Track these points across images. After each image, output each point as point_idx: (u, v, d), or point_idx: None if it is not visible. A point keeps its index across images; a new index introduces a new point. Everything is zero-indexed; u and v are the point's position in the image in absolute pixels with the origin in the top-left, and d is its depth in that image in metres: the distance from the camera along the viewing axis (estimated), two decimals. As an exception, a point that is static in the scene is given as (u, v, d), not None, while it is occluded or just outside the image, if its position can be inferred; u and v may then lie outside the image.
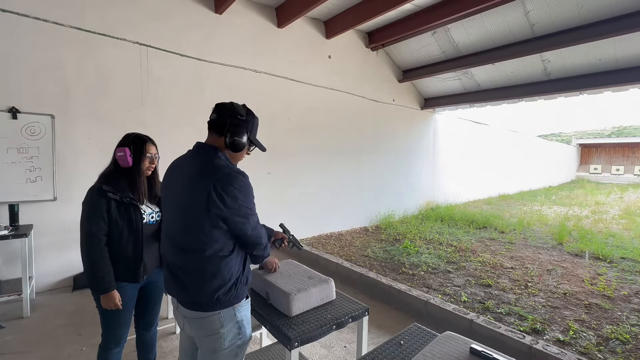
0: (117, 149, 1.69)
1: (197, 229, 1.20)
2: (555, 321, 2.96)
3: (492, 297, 3.45)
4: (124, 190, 1.65)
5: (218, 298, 1.22)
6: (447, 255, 4.80)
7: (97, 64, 3.66)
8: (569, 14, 4.60)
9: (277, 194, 5.27)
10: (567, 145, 21.75)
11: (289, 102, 5.36)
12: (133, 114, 3.91)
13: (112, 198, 1.61)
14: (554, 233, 6.12)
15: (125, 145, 1.69)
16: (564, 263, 4.62)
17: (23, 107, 3.27)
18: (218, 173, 1.19)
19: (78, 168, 3.59)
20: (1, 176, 3.18)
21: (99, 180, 1.67)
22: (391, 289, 3.36)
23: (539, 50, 5.16)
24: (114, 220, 1.62)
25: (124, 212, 1.64)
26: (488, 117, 10.65)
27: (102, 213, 1.59)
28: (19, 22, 3.23)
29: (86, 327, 2.78)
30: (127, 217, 1.64)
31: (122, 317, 1.68)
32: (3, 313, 2.94)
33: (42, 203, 3.42)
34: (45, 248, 3.48)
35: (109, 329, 1.69)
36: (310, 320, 1.56)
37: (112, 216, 1.61)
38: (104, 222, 1.59)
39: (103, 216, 1.59)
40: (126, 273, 1.66)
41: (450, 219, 7.30)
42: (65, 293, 3.45)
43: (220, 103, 1.32)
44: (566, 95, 6.30)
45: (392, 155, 7.32)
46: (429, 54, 6.40)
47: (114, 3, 3.74)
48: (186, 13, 4.25)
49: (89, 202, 1.61)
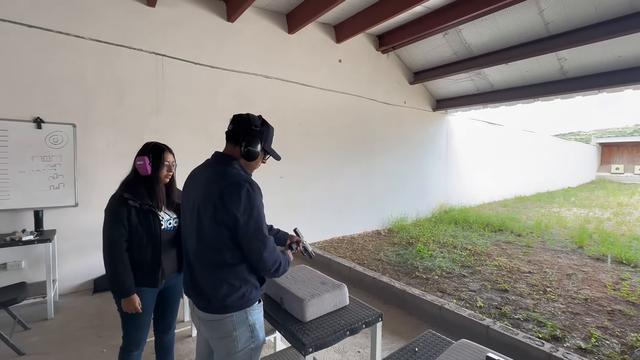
0: (137, 158, 1.75)
1: (206, 236, 1.24)
2: (576, 328, 2.87)
3: (509, 302, 3.38)
4: (144, 197, 1.71)
5: (230, 302, 1.26)
6: (461, 259, 4.72)
7: (115, 74, 3.80)
8: (586, 11, 4.48)
9: (289, 198, 5.31)
10: (586, 144, 21.05)
11: (300, 107, 5.40)
12: (149, 122, 4.02)
13: (132, 205, 1.67)
14: (574, 236, 5.94)
15: (144, 154, 1.76)
16: (585, 267, 4.47)
17: (47, 117, 3.42)
18: (226, 180, 1.23)
19: (97, 175, 3.72)
20: (27, 183, 3.33)
21: (120, 188, 1.74)
22: (405, 293, 3.33)
23: (554, 49, 5.04)
24: (134, 226, 1.68)
25: (143, 219, 1.70)
26: (503, 117, 10.42)
27: (123, 220, 1.65)
28: (42, 36, 3.39)
29: (106, 329, 2.86)
30: (146, 223, 1.70)
31: (141, 321, 1.74)
32: (29, 314, 3.06)
33: (64, 209, 3.55)
34: (67, 252, 3.61)
35: (129, 331, 1.74)
36: (324, 325, 1.56)
37: (132, 223, 1.67)
38: (125, 228, 1.65)
39: (124, 223, 1.65)
40: (145, 278, 1.71)
41: (464, 221, 7.17)
42: (86, 296, 3.57)
43: (237, 114, 1.37)
44: (584, 94, 6.11)
45: (404, 157, 7.26)
46: (441, 55, 6.34)
47: (131, 15, 3.88)
48: (199, 22, 4.36)
49: (110, 210, 1.68)
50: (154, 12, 4.02)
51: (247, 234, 1.22)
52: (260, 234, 1.25)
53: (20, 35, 3.28)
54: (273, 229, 1.71)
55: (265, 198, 1.35)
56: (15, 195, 3.28)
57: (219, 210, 1.19)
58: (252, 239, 1.23)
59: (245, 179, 1.25)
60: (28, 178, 3.33)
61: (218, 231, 1.22)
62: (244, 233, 1.22)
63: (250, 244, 1.24)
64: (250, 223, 1.22)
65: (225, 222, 1.20)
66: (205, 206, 1.23)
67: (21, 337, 2.69)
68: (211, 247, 1.24)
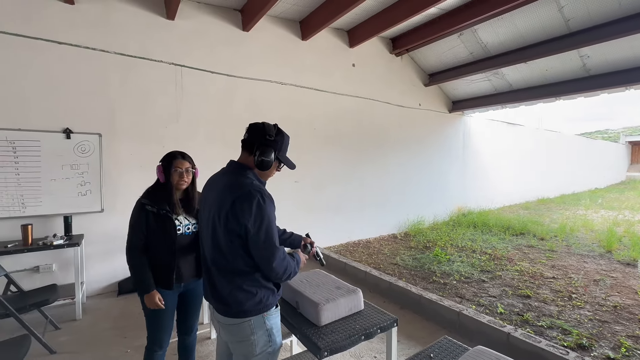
0: (157, 166, 1.87)
1: (221, 245, 1.28)
2: (604, 337, 2.74)
3: (531, 308, 3.27)
4: (161, 203, 1.81)
5: (247, 307, 1.29)
6: (480, 263, 4.61)
7: (137, 85, 3.97)
8: (609, 6, 4.31)
9: (304, 202, 5.35)
10: (614, 143, 20.06)
11: (314, 112, 5.46)
12: (169, 130, 4.18)
13: (149, 210, 1.78)
14: (602, 240, 5.67)
15: (161, 162, 1.88)
16: (614, 273, 4.26)
17: (75, 127, 3.62)
18: (239, 190, 1.26)
19: (122, 181, 3.89)
20: (58, 190, 3.53)
21: (143, 194, 1.86)
22: (421, 298, 3.28)
23: (576, 46, 4.87)
24: (152, 230, 1.79)
25: (160, 223, 1.79)
26: (524, 117, 10.10)
27: (142, 225, 1.77)
28: (71, 51, 3.60)
29: (130, 330, 2.98)
30: (162, 228, 1.79)
31: (164, 322, 1.83)
32: (59, 315, 3.23)
33: (91, 214, 3.73)
34: (93, 256, 3.79)
35: (152, 332, 1.83)
36: (339, 330, 1.58)
37: (151, 227, 1.78)
38: (143, 234, 1.78)
39: (142, 228, 1.77)
40: (160, 280, 1.80)
41: (483, 225, 6.99)
42: (111, 297, 3.72)
43: (253, 123, 1.40)
44: (609, 91, 5.86)
45: (420, 160, 7.18)
46: (456, 56, 6.25)
47: (152, 28, 4.06)
48: (216, 33, 4.50)
49: (132, 216, 1.81)
50: (173, 25, 4.19)
51: (257, 243, 1.25)
52: (270, 244, 1.27)
53: (51, 51, 3.50)
54: (286, 232, 1.74)
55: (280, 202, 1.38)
56: (47, 202, 3.48)
57: (231, 220, 1.23)
58: (262, 249, 1.26)
59: (257, 189, 1.27)
60: (58, 185, 3.53)
61: (231, 240, 1.26)
62: (254, 243, 1.25)
63: (261, 253, 1.26)
64: (260, 234, 1.24)
65: (236, 232, 1.24)
66: (219, 215, 1.27)
67: (52, 336, 2.84)
68: (226, 255, 1.28)
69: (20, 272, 3.39)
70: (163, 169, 1.84)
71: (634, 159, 21.76)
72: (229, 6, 4.57)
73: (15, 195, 3.34)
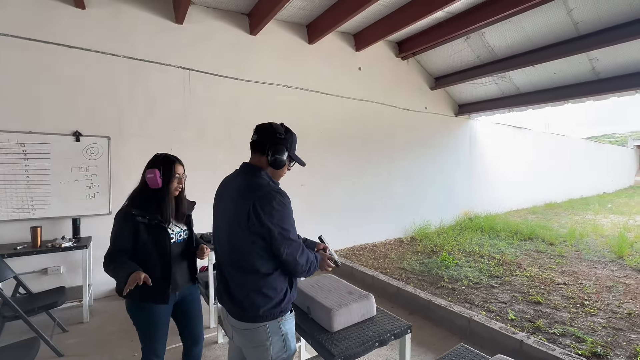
0: (147, 171, 1.71)
1: (240, 247, 1.27)
2: (620, 345, 2.67)
3: (543, 315, 3.20)
4: (152, 212, 1.67)
5: (264, 312, 1.27)
6: (489, 268, 4.54)
7: (146, 88, 4.00)
8: (619, 8, 4.27)
9: (310, 205, 5.33)
10: (622, 147, 19.83)
11: (321, 115, 5.45)
12: (177, 133, 4.19)
13: (140, 222, 1.63)
14: (613, 245, 5.57)
15: (154, 166, 1.71)
16: (627, 279, 4.18)
17: (85, 130, 3.65)
18: (258, 192, 1.25)
19: (129, 184, 3.83)
20: (67, 193, 3.54)
21: (128, 202, 1.70)
22: (430, 304, 3.24)
23: (585, 49, 4.83)
24: (143, 243, 1.64)
25: (152, 234, 1.67)
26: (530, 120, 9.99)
27: (127, 237, 1.63)
28: (82, 55, 3.63)
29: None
30: (155, 239, 1.67)
31: (158, 333, 1.71)
32: (67, 317, 3.22)
33: (99, 217, 3.74)
34: (100, 258, 3.74)
35: (147, 344, 1.72)
36: (352, 336, 1.55)
37: (141, 239, 1.64)
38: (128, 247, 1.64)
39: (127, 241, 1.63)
40: (155, 294, 1.66)
41: (491, 229, 6.91)
42: (117, 300, 3.71)
43: (260, 124, 1.40)
44: (619, 94, 5.80)
45: (426, 164, 7.13)
46: (463, 59, 6.23)
47: (161, 32, 4.09)
48: (223, 37, 4.53)
49: (117, 225, 1.67)
50: (182, 29, 4.22)
51: (280, 242, 1.25)
52: (294, 240, 1.29)
53: (62, 55, 3.53)
54: (300, 237, 1.72)
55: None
56: (56, 204, 3.49)
57: (252, 221, 1.22)
58: (287, 246, 1.27)
59: (275, 189, 1.28)
60: (67, 188, 3.55)
61: (252, 241, 1.24)
62: (277, 242, 1.25)
63: (285, 250, 1.26)
64: (283, 233, 1.25)
65: (258, 232, 1.23)
66: (238, 217, 1.26)
67: (60, 339, 2.84)
68: (245, 257, 1.27)
69: (29, 274, 3.40)
70: (162, 174, 1.70)
71: (643, 163, 21.47)
72: (237, 10, 4.60)
73: (25, 197, 3.36)
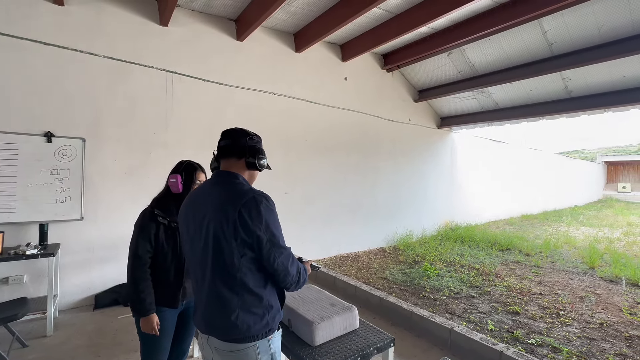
0: (170, 176, 1.77)
1: (229, 262, 1.18)
2: (593, 355, 2.74)
3: (521, 325, 3.26)
4: (173, 215, 1.72)
5: (254, 331, 1.20)
6: (469, 278, 4.60)
7: (126, 89, 3.87)
8: (589, 32, 4.54)
9: (294, 214, 5.27)
10: (591, 162, 20.95)
11: (306, 123, 5.45)
12: (157, 137, 4.06)
13: (161, 222, 1.68)
14: (584, 256, 5.79)
15: (177, 172, 1.77)
16: (598, 289, 4.33)
17: (57, 131, 3.47)
18: (243, 198, 1.19)
19: (104, 189, 3.71)
20: (34, 196, 3.33)
21: (152, 204, 1.76)
22: (413, 314, 3.23)
23: (558, 68, 5.09)
24: (161, 243, 1.68)
25: (170, 236, 1.70)
26: (507, 135, 10.44)
27: (150, 236, 1.65)
28: (58, 53, 3.48)
29: (106, 347, 2.78)
30: (172, 242, 1.70)
31: (162, 343, 1.69)
32: (28, 331, 2.99)
33: (70, 222, 3.54)
34: (69, 266, 3.57)
35: (147, 355, 1.68)
36: (334, 350, 1.50)
37: (160, 239, 1.67)
38: (150, 245, 1.65)
39: (150, 239, 1.65)
40: (166, 297, 1.68)
41: (470, 240, 7.05)
42: (86, 312, 3.50)
43: (229, 130, 1.35)
44: (589, 113, 6.13)
45: (409, 174, 7.24)
46: (445, 74, 6.42)
47: (144, 34, 3.99)
48: (210, 41, 4.47)
49: (139, 225, 1.68)
50: (167, 31, 4.14)
51: (269, 249, 1.20)
52: (284, 247, 1.24)
53: (36, 52, 3.37)
54: None
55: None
56: (22, 209, 3.28)
57: (239, 231, 1.16)
58: (278, 253, 1.21)
59: (260, 193, 1.23)
60: (35, 191, 3.34)
61: (241, 254, 1.17)
62: (267, 249, 1.19)
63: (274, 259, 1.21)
64: (272, 240, 1.21)
65: (246, 242, 1.17)
66: (224, 229, 1.17)
67: (18, 354, 2.62)
68: (234, 273, 1.18)
69: (-13, 284, 3.15)
70: (183, 179, 1.74)
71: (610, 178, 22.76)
72: (224, 15, 4.56)
73: (-14, 200, 3.13)
